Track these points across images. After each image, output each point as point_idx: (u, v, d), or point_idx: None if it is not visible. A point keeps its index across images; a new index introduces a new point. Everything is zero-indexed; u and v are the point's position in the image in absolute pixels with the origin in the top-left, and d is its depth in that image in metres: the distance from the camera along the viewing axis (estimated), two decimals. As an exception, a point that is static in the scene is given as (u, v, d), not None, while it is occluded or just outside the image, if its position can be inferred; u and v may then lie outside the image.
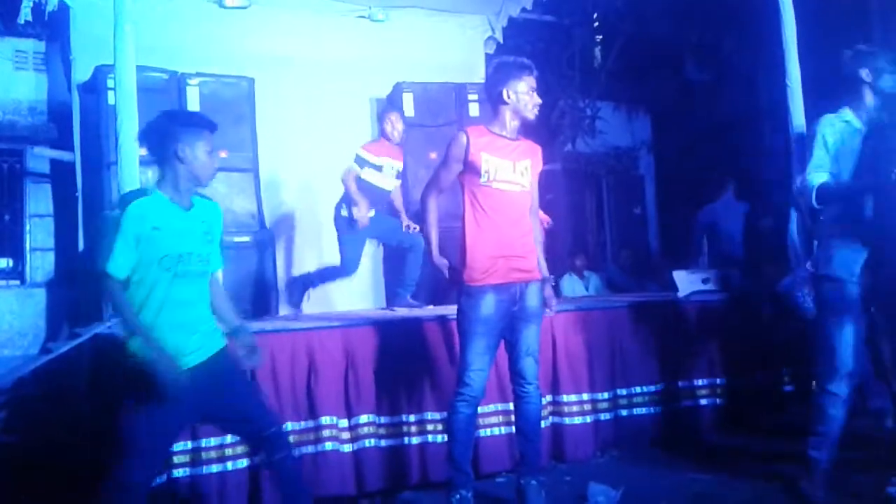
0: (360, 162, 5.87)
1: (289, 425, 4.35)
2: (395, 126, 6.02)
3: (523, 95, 3.85)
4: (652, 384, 5.39)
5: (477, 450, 4.66)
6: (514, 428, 4.64)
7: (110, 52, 4.15)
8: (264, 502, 4.17)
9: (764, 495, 4.17)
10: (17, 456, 5.44)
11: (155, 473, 3.48)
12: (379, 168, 5.93)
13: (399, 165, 6.12)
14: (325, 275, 6.07)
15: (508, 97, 3.85)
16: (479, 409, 4.56)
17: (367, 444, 4.45)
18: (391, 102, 7.69)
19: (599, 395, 5.14)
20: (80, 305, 6.75)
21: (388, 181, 6.04)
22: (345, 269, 5.95)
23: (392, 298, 6.12)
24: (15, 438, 5.74)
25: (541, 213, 6.06)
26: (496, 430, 4.78)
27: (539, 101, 3.90)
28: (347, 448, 4.42)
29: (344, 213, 5.87)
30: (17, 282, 7.60)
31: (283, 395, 4.35)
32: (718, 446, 5.22)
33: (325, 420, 4.37)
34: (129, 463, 3.13)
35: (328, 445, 4.35)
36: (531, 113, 3.88)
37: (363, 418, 4.46)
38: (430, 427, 4.62)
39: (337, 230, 5.95)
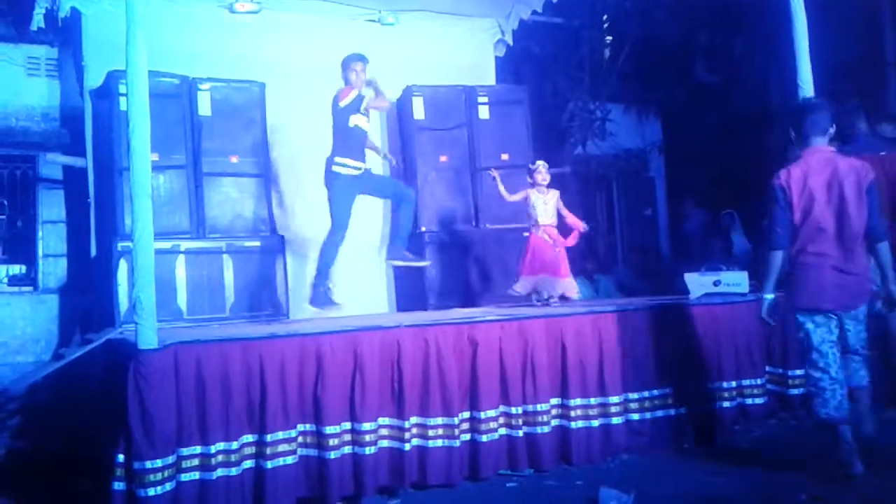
0: (350, 108, 5.88)
1: (299, 427, 4.38)
2: (360, 76, 5.98)
3: None
4: (663, 388, 5.37)
5: (477, 453, 4.71)
6: (514, 431, 4.83)
7: (122, 57, 4.16)
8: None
9: (775, 499, 4.14)
10: (30, 461, 5.47)
11: None
12: (359, 104, 5.91)
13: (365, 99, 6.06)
14: (325, 258, 5.95)
15: None
16: (482, 414, 4.68)
17: (367, 452, 4.45)
18: (401, 106, 7.72)
19: (610, 399, 5.12)
20: (92, 311, 6.78)
21: (365, 120, 6.03)
22: (335, 231, 5.87)
23: (389, 251, 6.15)
24: (28, 443, 5.77)
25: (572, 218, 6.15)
26: (495, 435, 4.79)
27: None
28: (348, 450, 4.44)
29: (336, 168, 5.87)
30: (30, 288, 7.62)
31: (289, 399, 4.35)
32: (729, 449, 5.19)
33: (329, 429, 4.38)
34: None
35: (332, 454, 4.36)
36: None
37: (366, 425, 4.46)
38: (430, 433, 4.63)
39: (327, 186, 5.95)
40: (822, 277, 4.29)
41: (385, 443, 4.55)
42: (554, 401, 5.00)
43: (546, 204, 6.18)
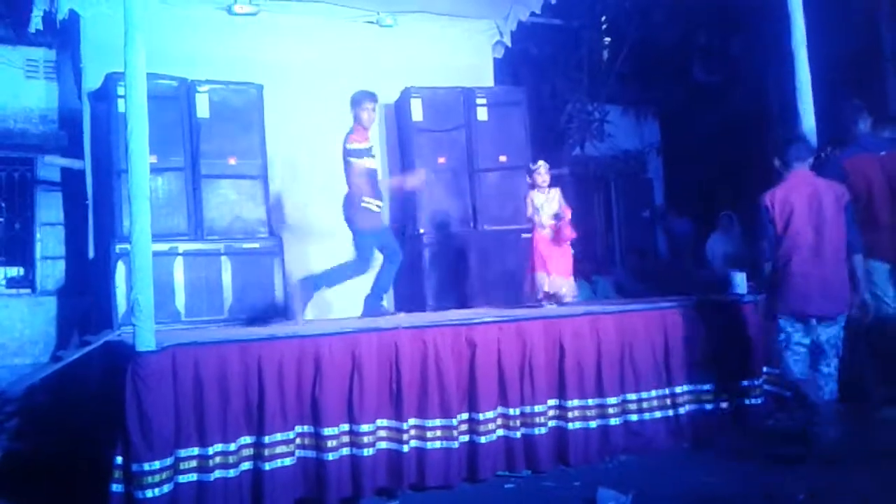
0: (358, 153, 5.89)
1: (297, 429, 4.38)
2: (371, 115, 6.05)
3: None
4: (660, 389, 5.38)
5: (476, 454, 4.71)
6: (512, 432, 4.84)
7: (120, 59, 4.16)
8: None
9: (774, 498, 4.14)
10: (27, 463, 5.46)
11: None
12: (370, 150, 5.96)
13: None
14: (331, 278, 5.96)
15: None
16: (480, 416, 4.69)
17: (365, 453, 4.45)
18: (400, 107, 7.72)
19: (607, 401, 5.12)
20: (90, 313, 6.78)
21: (376, 162, 6.10)
22: (361, 267, 5.94)
23: (366, 306, 6.05)
24: (26, 445, 5.77)
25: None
26: (493, 436, 4.79)
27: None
28: (346, 451, 4.44)
29: (365, 205, 5.86)
30: (28, 290, 7.64)
31: (288, 400, 4.35)
32: (728, 449, 5.20)
33: (327, 430, 4.38)
34: None
35: (330, 456, 4.37)
36: None
37: (364, 427, 4.46)
38: (429, 434, 4.63)
39: (352, 230, 5.94)
40: (807, 286, 4.74)
41: (383, 444, 4.55)
42: (552, 402, 5.00)
43: (550, 202, 6.17)
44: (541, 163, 6.26)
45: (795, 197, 4.77)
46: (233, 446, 4.18)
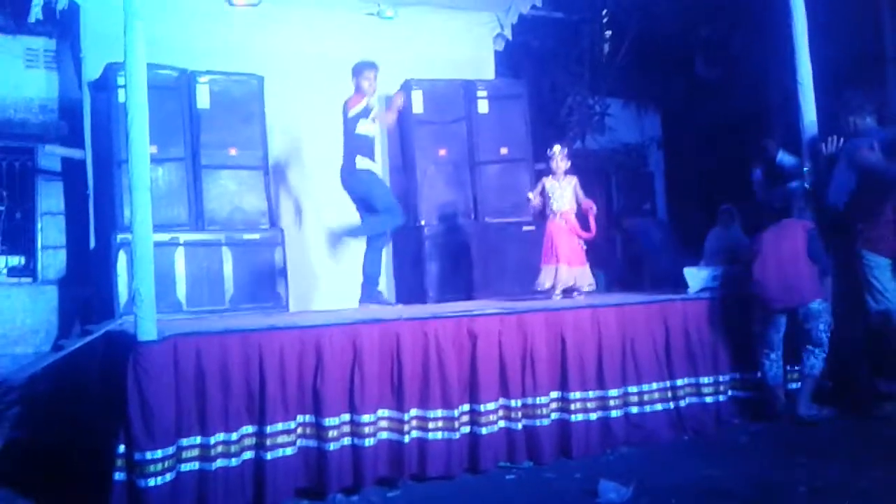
0: (354, 119, 6.00)
1: (298, 418, 4.39)
2: (373, 84, 6.13)
3: None
4: (661, 381, 5.39)
5: (477, 445, 4.72)
6: (514, 423, 4.86)
7: (120, 49, 4.15)
8: (268, 495, 4.22)
9: (774, 491, 4.16)
10: (29, 451, 5.48)
11: None
12: (367, 113, 6.03)
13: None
14: (372, 259, 6.08)
15: None
16: (482, 407, 4.71)
17: (366, 443, 4.46)
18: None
19: (609, 393, 5.13)
20: (91, 303, 6.79)
21: (373, 127, 6.15)
22: (390, 214, 6.05)
23: (363, 295, 6.08)
24: (27, 434, 5.78)
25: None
26: (494, 427, 4.81)
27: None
28: (347, 441, 4.45)
29: (360, 165, 6.01)
30: (29, 279, 7.63)
31: (289, 390, 4.36)
32: (728, 442, 5.21)
33: (328, 420, 4.39)
34: None
35: (331, 446, 4.38)
36: None
37: (365, 417, 4.47)
38: (430, 425, 4.64)
39: (363, 184, 6.05)
40: (767, 285, 5.50)
41: (384, 434, 4.56)
42: (554, 394, 5.01)
43: (562, 190, 6.04)
44: (556, 148, 6.15)
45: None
46: (234, 435, 4.19)
